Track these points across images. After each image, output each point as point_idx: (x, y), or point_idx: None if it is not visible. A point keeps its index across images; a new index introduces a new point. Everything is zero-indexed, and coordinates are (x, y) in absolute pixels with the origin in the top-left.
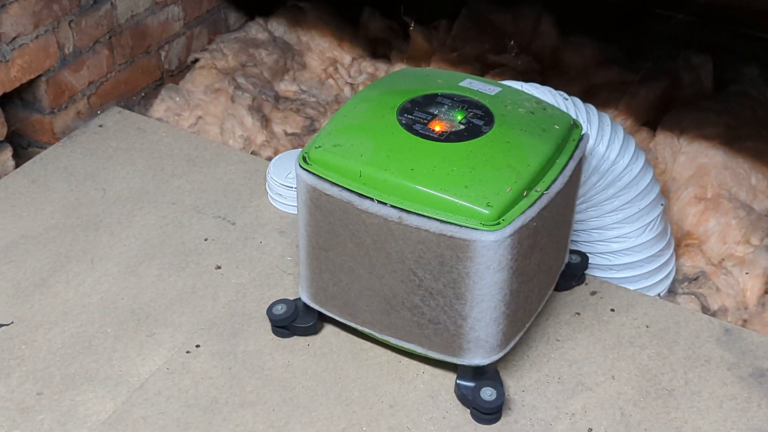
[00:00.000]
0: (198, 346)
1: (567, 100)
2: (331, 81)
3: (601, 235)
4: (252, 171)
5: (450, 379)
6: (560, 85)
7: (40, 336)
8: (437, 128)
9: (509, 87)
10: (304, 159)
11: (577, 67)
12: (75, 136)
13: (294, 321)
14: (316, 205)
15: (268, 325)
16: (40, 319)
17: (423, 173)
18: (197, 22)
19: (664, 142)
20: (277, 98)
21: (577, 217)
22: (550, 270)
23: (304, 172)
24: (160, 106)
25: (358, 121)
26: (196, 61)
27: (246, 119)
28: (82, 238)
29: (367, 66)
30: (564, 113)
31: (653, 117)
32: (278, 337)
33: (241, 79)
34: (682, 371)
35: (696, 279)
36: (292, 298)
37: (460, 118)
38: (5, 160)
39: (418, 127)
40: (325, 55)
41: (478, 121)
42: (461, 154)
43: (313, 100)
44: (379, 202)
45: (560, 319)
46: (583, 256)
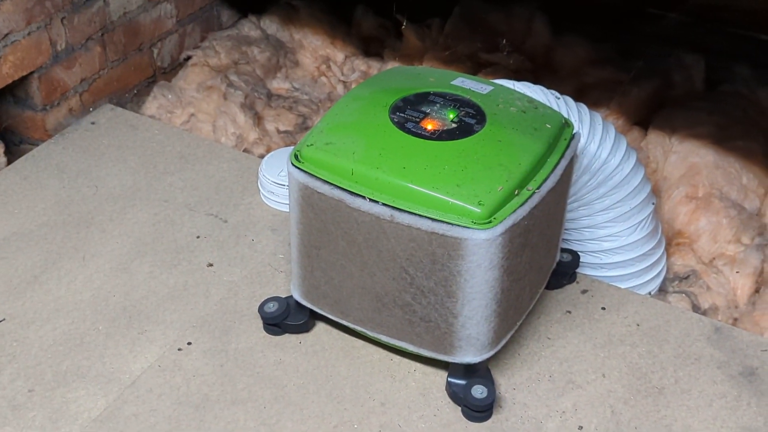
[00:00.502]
0: (190, 344)
1: (559, 99)
2: (323, 79)
3: (592, 234)
4: (244, 169)
5: (441, 377)
6: (552, 84)
7: (32, 333)
8: (429, 127)
9: (501, 86)
10: (296, 157)
11: (569, 67)
12: (67, 134)
13: (285, 319)
14: (308, 203)
15: (259, 323)
16: (31, 316)
17: (415, 171)
18: (190, 20)
19: (656, 141)
20: (270, 96)
21: (569, 215)
22: (542, 268)
23: (296, 170)
24: (153, 104)
25: (350, 119)
26: (189, 58)
27: (238, 117)
28: (74, 235)
29: (360, 64)
30: (556, 112)
31: (645, 116)
32: (270, 335)
33: (233, 77)
34: (672, 369)
35: (687, 278)
36: (284, 295)
37: (452, 116)
38: None
39: (410, 125)
40: (317, 53)
41: (470, 119)
42: (453, 152)
43: (306, 97)
44: (370, 200)
45: (551, 317)
46: (575, 255)
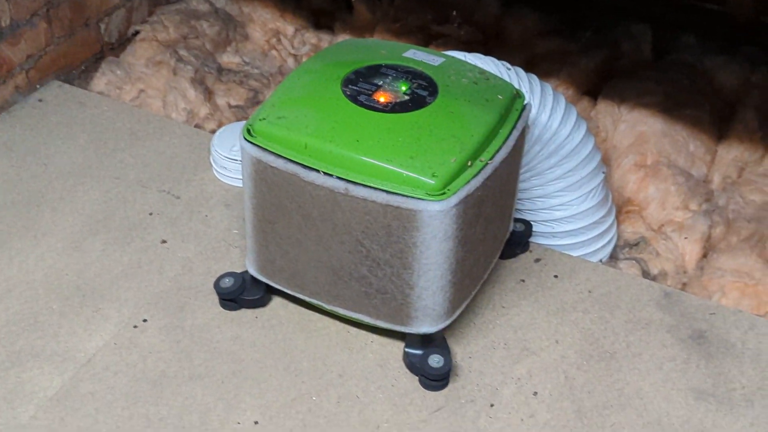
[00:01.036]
0: (145, 321)
1: (510, 70)
2: (274, 52)
3: (544, 203)
4: (196, 144)
5: (398, 348)
6: (502, 55)
7: None
8: (382, 99)
9: (453, 57)
10: (249, 131)
11: (519, 38)
12: (14, 111)
13: (241, 294)
14: (262, 178)
15: (215, 299)
16: None
17: (368, 144)
18: None
19: (605, 110)
20: (220, 70)
21: (521, 185)
22: (496, 238)
23: (249, 145)
24: (101, 80)
25: (302, 93)
26: (137, 33)
27: (189, 92)
28: (24, 214)
29: (311, 37)
30: (507, 83)
31: (594, 86)
32: (226, 310)
33: (182, 52)
34: (624, 334)
35: (636, 245)
36: (239, 271)
37: (404, 88)
38: None
39: (362, 98)
40: (267, 27)
41: (423, 91)
42: (406, 124)
43: (257, 71)
44: (325, 173)
45: (505, 286)
46: (527, 225)
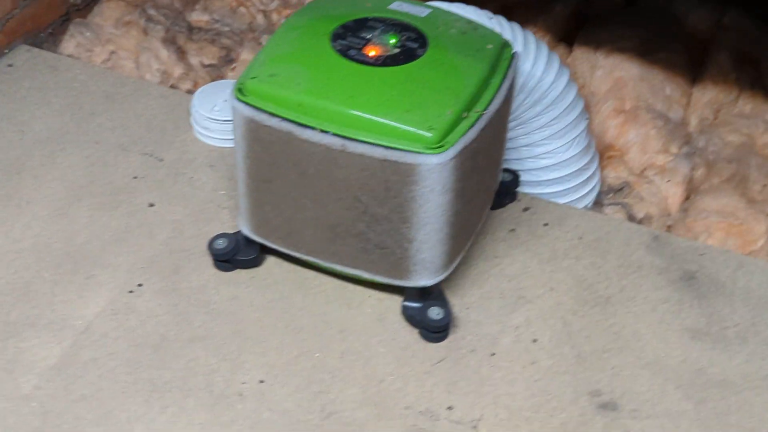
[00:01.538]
0: (140, 285)
1: (492, 18)
2: (242, 9)
3: (530, 152)
4: (174, 105)
5: (396, 302)
6: (478, 3)
7: None
8: (372, 53)
9: (439, 8)
10: (240, 91)
11: None
12: None
13: (236, 254)
14: (255, 138)
15: (209, 260)
16: None
17: (363, 99)
18: None
19: (582, 57)
20: (191, 29)
21: (507, 135)
22: (488, 189)
23: (241, 104)
24: (70, 43)
25: (292, 49)
26: None
27: (161, 52)
28: (4, 182)
29: None
30: (495, 33)
31: (569, 33)
32: (221, 272)
33: (151, 11)
34: (617, 279)
35: (621, 190)
36: (231, 231)
37: (393, 41)
38: None
39: (352, 52)
40: None
41: (412, 44)
42: (399, 78)
43: (227, 29)
44: (320, 131)
45: (497, 236)
46: (514, 174)
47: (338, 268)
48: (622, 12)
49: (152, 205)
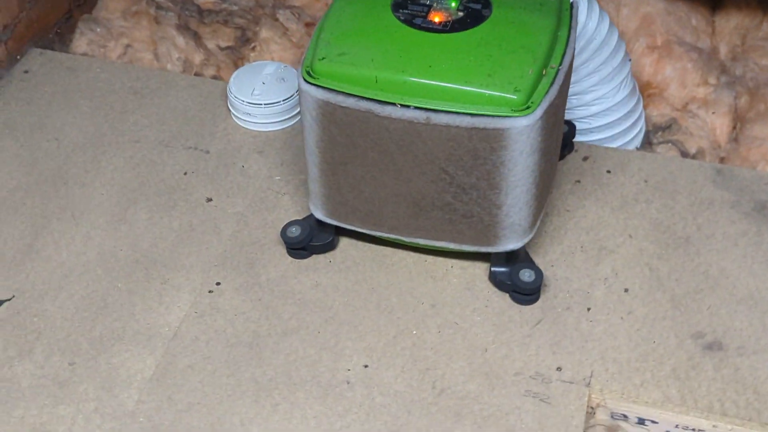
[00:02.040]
0: (219, 284)
1: None
2: None
3: (580, 100)
4: (206, 93)
5: (481, 269)
6: None
7: (49, 305)
8: (437, 19)
9: None
10: (309, 74)
11: None
12: (2, 87)
13: (311, 240)
14: (330, 120)
15: (281, 250)
16: (41, 288)
17: (442, 68)
18: None
19: None
20: (201, 12)
21: None
22: (558, 143)
23: (312, 87)
24: (81, 41)
25: (355, 25)
26: None
27: (178, 40)
28: (53, 194)
29: None
30: None
31: None
32: (297, 260)
33: None
34: (691, 218)
35: (669, 127)
36: (299, 217)
37: (454, 5)
38: None
39: (418, 21)
40: None
41: (475, 5)
42: (473, 42)
43: (236, 8)
44: (402, 105)
45: (564, 189)
46: (570, 125)
47: (422, 242)
48: None
49: (210, 200)
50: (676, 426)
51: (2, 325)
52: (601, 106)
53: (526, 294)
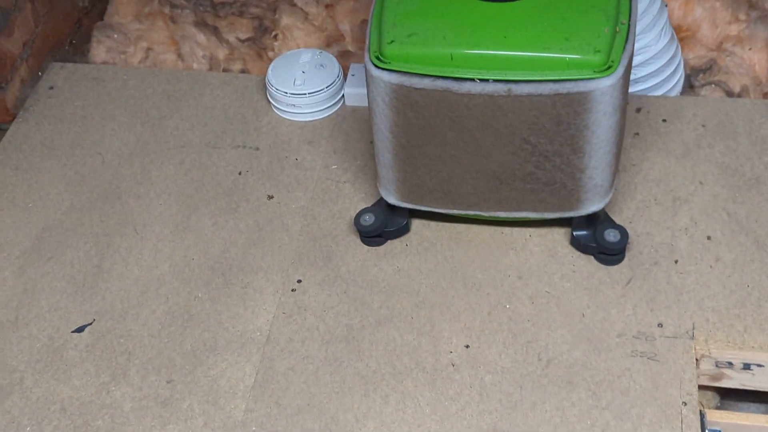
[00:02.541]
0: (300, 281)
1: None
2: None
3: None
4: (241, 89)
5: (560, 235)
6: None
7: (132, 323)
8: None
9: None
10: (378, 59)
11: None
12: (30, 107)
13: (386, 226)
14: (405, 103)
15: (355, 239)
16: (120, 308)
17: (517, 38)
18: None
19: None
20: (214, 6)
21: None
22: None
23: (384, 72)
24: (99, 49)
25: (417, 3)
26: None
27: (199, 37)
28: (109, 210)
29: None
30: None
31: None
32: (373, 247)
33: None
34: (757, 157)
35: (709, 68)
36: (364, 204)
37: None
38: None
39: None
40: None
41: None
42: (541, 7)
43: None
44: (481, 80)
45: (624, 143)
46: None
47: (502, 215)
48: None
49: (271, 197)
50: None
51: (90, 351)
52: (646, 55)
53: (613, 254)
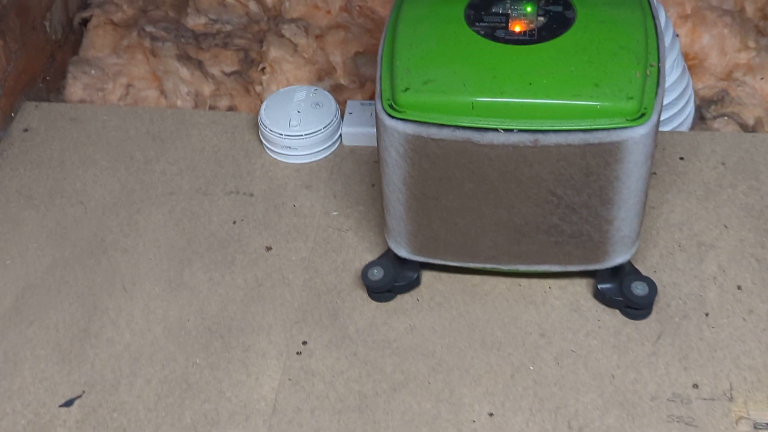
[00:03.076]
0: (305, 343)
1: None
2: (230, 0)
3: None
4: (231, 129)
5: (581, 287)
6: None
7: (125, 395)
8: (518, 29)
9: None
10: (393, 107)
11: None
12: (4, 151)
13: (395, 281)
14: (422, 154)
15: (362, 294)
16: (112, 377)
17: (544, 84)
18: None
19: None
20: (196, 37)
21: None
22: None
23: (399, 123)
24: (76, 86)
25: (432, 46)
26: (86, 21)
27: (182, 72)
28: (94, 266)
29: None
30: None
31: None
32: (382, 303)
33: (150, 28)
34: None
35: (722, 99)
36: (368, 255)
37: (531, 10)
38: None
39: (500, 33)
40: None
41: (555, 7)
42: (568, 50)
43: (230, 27)
44: (504, 130)
45: None
46: None
47: (522, 268)
48: None
49: (270, 249)
50: None
51: (80, 428)
52: None
53: (641, 308)
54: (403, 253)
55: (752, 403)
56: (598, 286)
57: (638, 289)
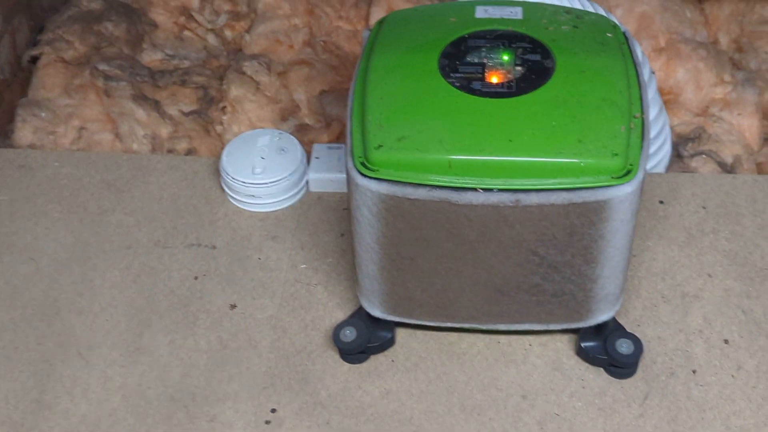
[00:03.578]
0: (274, 411)
1: None
2: (187, 33)
3: None
4: (191, 175)
5: (561, 342)
6: None
7: None
8: (495, 80)
9: (528, 3)
10: (364, 165)
11: None
12: None
13: (369, 341)
14: (396, 214)
15: (333, 355)
16: None
17: (524, 141)
18: (13, 13)
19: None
20: (152, 75)
21: None
22: None
23: (372, 182)
24: (25, 130)
25: (405, 99)
26: (35, 59)
27: (138, 113)
28: (47, 329)
29: (223, 4)
30: (602, 16)
31: None
32: (354, 365)
33: (103, 66)
34: (766, 243)
35: (699, 137)
36: (341, 313)
37: (508, 58)
38: None
39: (477, 85)
40: (169, 5)
41: (533, 56)
42: (548, 103)
43: (188, 63)
44: (484, 190)
45: None
46: None
47: (502, 327)
48: None
49: (234, 306)
50: None
51: None
52: None
53: (626, 367)
54: (377, 312)
55: None
56: (581, 344)
57: (623, 347)
